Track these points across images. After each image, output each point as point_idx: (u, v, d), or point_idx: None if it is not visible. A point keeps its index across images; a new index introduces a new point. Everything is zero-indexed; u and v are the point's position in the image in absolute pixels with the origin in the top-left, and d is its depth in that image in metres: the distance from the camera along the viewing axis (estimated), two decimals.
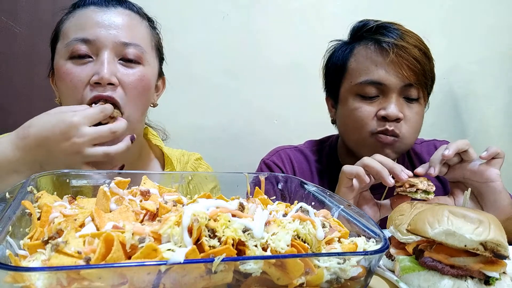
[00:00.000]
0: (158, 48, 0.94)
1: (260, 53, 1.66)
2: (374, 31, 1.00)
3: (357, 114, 0.99)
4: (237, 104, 1.66)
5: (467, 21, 1.82)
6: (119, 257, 0.38)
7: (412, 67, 0.94)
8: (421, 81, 0.96)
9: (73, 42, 0.79)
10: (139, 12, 0.90)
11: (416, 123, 0.99)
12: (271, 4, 1.66)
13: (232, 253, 0.40)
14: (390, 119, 0.95)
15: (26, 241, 0.43)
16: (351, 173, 0.80)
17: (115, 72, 0.79)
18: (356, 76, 1.00)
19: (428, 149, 1.14)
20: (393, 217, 0.67)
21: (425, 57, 0.97)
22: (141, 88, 0.83)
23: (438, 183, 1.07)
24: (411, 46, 0.95)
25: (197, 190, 0.75)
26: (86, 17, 0.82)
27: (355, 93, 1.00)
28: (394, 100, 0.95)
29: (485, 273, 0.55)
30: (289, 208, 0.57)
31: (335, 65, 1.08)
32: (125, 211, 0.48)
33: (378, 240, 0.49)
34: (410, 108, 0.98)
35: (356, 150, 1.04)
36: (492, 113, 1.88)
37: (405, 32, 0.98)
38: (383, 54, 0.96)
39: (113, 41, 0.79)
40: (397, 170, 0.78)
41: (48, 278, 0.34)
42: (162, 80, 0.98)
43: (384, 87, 0.96)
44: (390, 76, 0.95)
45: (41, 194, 0.54)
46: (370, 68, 0.97)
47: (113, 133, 0.72)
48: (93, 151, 0.70)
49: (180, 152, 1.05)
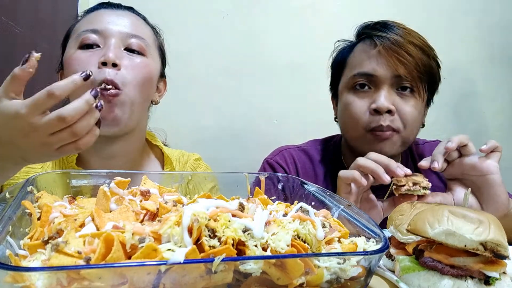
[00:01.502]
0: (161, 50, 0.98)
1: (260, 53, 1.66)
2: (372, 28, 1.02)
3: (351, 109, 1.00)
4: (237, 104, 1.66)
5: (467, 21, 1.82)
6: (119, 257, 0.38)
7: (402, 59, 0.95)
8: (413, 75, 0.96)
9: (82, 33, 0.84)
10: (144, 19, 0.96)
11: (412, 116, 0.98)
12: (271, 4, 1.66)
13: (232, 253, 0.40)
14: (381, 111, 0.95)
15: (26, 241, 0.43)
16: (347, 178, 0.80)
17: (120, 57, 0.82)
18: (351, 70, 1.03)
19: (431, 150, 1.13)
20: (393, 217, 0.67)
21: (422, 53, 0.97)
22: (144, 73, 0.86)
23: (440, 183, 1.07)
24: (404, 40, 0.96)
25: (196, 190, 0.75)
26: (96, 14, 0.88)
27: (349, 87, 1.03)
28: (384, 92, 0.96)
29: (485, 273, 0.55)
30: (289, 208, 0.57)
31: (337, 63, 1.11)
32: (125, 211, 0.48)
33: (378, 240, 0.49)
34: (403, 101, 0.98)
35: (356, 146, 1.04)
36: (492, 113, 1.88)
37: (401, 28, 0.99)
38: (375, 47, 0.97)
39: (120, 32, 0.85)
40: (393, 166, 0.78)
41: (48, 278, 0.34)
42: (164, 83, 1.00)
43: (375, 78, 0.97)
44: (379, 67, 0.97)
45: (41, 194, 0.54)
46: (363, 62, 1.00)
47: (63, 119, 0.61)
48: (57, 138, 0.63)
49: (180, 152, 1.05)
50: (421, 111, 1.01)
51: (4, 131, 0.63)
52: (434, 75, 1.02)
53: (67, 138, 0.64)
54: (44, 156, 0.67)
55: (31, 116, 0.61)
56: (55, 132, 0.62)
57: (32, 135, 0.62)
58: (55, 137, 0.63)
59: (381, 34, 0.98)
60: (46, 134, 0.62)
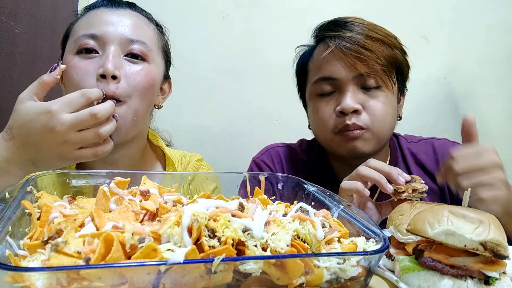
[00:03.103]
0: (165, 51, 0.95)
1: (260, 53, 1.66)
2: (324, 29, 1.00)
3: (318, 115, 0.99)
4: (237, 104, 1.65)
5: (467, 21, 1.82)
6: (119, 257, 0.38)
7: (361, 56, 0.91)
8: (375, 70, 0.92)
9: (81, 38, 0.81)
10: (147, 16, 0.92)
11: (381, 111, 0.95)
12: (271, 4, 1.66)
13: (232, 253, 0.40)
14: (347, 112, 0.93)
15: (25, 241, 0.43)
16: (350, 190, 0.79)
17: (119, 66, 0.79)
18: (312, 76, 1.01)
19: (426, 148, 1.10)
20: (393, 217, 0.67)
21: (382, 44, 0.94)
22: (145, 82, 0.83)
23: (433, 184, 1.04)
24: (360, 36, 0.93)
25: (198, 191, 0.75)
26: (95, 16, 0.84)
27: (314, 94, 1.01)
28: (349, 93, 0.93)
29: (485, 273, 0.55)
30: (289, 208, 0.57)
31: (299, 70, 1.09)
32: (125, 211, 0.48)
33: (378, 240, 0.49)
34: (371, 98, 0.95)
35: (329, 149, 1.03)
36: (492, 113, 1.88)
37: (356, 23, 0.96)
38: (329, 49, 0.95)
39: (120, 37, 0.81)
40: (394, 175, 0.76)
41: (48, 278, 0.34)
42: (168, 84, 0.98)
43: (337, 81, 0.95)
44: (339, 69, 0.94)
45: (41, 194, 0.54)
46: (322, 66, 0.97)
47: (94, 115, 0.67)
48: (81, 136, 0.67)
49: (181, 153, 1.05)
50: (392, 103, 0.98)
51: (24, 129, 0.65)
52: (400, 64, 0.98)
53: (90, 138, 0.68)
54: (59, 158, 0.68)
55: (61, 111, 0.65)
56: (80, 130, 0.67)
57: (57, 130, 0.65)
58: (79, 135, 0.67)
59: (334, 34, 0.95)
60: (73, 130, 0.66)
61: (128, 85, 0.79)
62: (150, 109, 0.91)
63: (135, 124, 0.83)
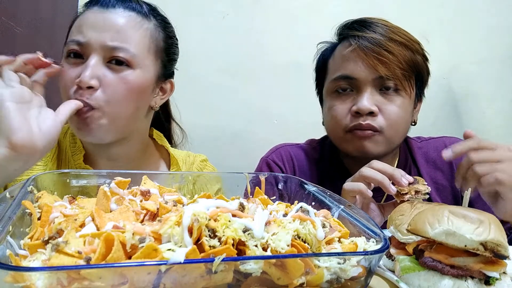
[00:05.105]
0: (164, 49, 0.92)
1: (260, 53, 1.66)
2: (349, 27, 1.00)
3: (332, 113, 0.99)
4: (237, 104, 1.65)
5: (467, 21, 1.81)
6: (119, 257, 0.38)
7: (382, 58, 0.91)
8: (396, 73, 0.92)
9: (69, 43, 0.83)
10: (142, 11, 0.88)
11: (397, 115, 0.95)
12: (271, 4, 1.66)
13: (232, 253, 0.40)
14: (362, 113, 0.93)
15: (26, 241, 0.43)
16: (353, 191, 0.79)
17: (97, 75, 0.80)
18: (332, 73, 1.01)
19: (437, 145, 1.10)
20: (393, 217, 0.67)
21: (405, 49, 0.94)
22: (125, 90, 0.82)
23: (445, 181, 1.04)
24: (384, 38, 0.93)
25: (201, 191, 0.75)
26: (86, 19, 0.84)
27: (331, 91, 1.01)
28: (367, 94, 0.93)
29: (485, 273, 0.55)
30: (289, 208, 0.57)
31: (319, 66, 1.09)
32: (126, 211, 0.48)
33: (378, 240, 0.49)
34: (388, 101, 0.95)
35: (339, 147, 1.03)
36: (492, 113, 1.88)
37: (381, 25, 0.96)
38: (352, 48, 0.95)
39: (102, 45, 0.81)
40: (397, 176, 0.76)
41: (49, 278, 0.34)
42: (170, 83, 0.97)
43: (356, 81, 0.95)
44: (359, 68, 0.94)
45: (41, 194, 0.54)
46: (343, 64, 0.97)
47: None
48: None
49: (186, 153, 1.05)
50: (408, 109, 0.98)
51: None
52: (420, 70, 0.98)
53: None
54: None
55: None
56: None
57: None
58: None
59: (358, 33, 0.95)
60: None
61: (105, 94, 0.80)
62: (140, 111, 0.89)
63: (116, 127, 0.83)
